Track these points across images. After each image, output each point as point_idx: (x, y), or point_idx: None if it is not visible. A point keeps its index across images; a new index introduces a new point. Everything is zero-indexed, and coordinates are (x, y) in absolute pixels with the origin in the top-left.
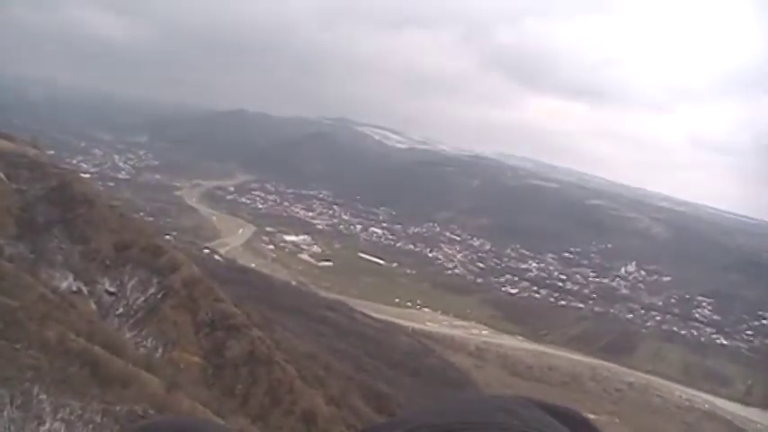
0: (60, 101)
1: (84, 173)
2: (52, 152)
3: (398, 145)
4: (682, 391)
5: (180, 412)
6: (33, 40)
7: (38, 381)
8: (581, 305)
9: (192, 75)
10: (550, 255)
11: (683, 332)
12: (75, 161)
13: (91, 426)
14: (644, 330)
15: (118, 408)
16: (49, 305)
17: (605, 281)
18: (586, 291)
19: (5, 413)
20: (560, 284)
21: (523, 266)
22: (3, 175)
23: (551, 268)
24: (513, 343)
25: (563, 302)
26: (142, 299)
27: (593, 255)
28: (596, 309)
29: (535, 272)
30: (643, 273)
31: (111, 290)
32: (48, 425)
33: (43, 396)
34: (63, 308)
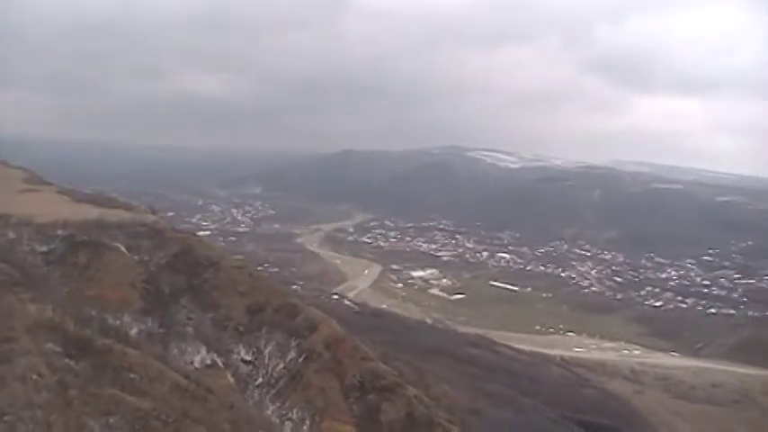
0: (172, 163)
1: (205, 230)
2: (172, 213)
3: (512, 165)
4: None
5: None
6: (142, 108)
7: None
8: (732, 311)
9: (293, 121)
10: (688, 260)
11: None
12: (194, 219)
13: None
14: None
15: None
16: (184, 397)
17: (753, 282)
18: (735, 295)
19: None
20: (705, 291)
21: (663, 276)
22: (123, 248)
23: (692, 274)
24: (669, 360)
25: (712, 310)
26: (282, 365)
27: (734, 255)
28: (751, 313)
29: (676, 280)
30: None
31: (248, 358)
32: None
33: None
34: (200, 397)
